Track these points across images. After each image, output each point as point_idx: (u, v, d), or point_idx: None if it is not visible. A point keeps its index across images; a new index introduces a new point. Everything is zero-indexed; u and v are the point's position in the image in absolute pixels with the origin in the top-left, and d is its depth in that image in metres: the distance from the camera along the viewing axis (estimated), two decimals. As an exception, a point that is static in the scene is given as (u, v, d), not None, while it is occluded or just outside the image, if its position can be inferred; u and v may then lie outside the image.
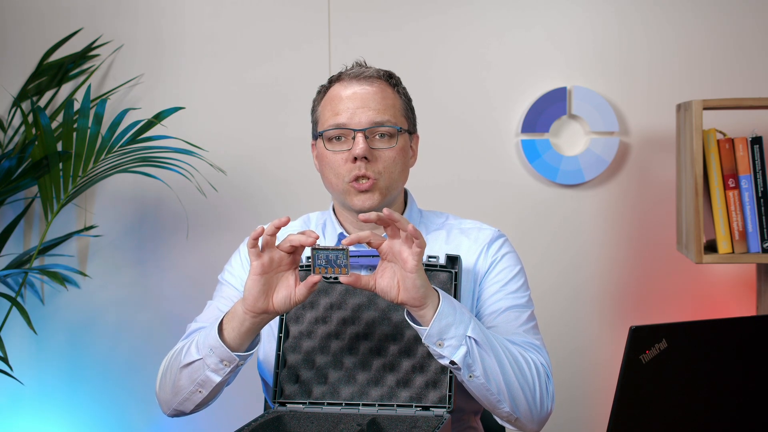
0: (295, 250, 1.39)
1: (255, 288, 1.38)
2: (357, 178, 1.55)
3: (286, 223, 1.36)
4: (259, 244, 1.37)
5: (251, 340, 1.44)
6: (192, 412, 1.53)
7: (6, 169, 2.35)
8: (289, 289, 1.39)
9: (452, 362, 1.39)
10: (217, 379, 1.45)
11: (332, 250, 1.35)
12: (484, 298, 1.60)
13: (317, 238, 1.35)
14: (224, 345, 1.41)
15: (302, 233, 1.37)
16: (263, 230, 1.36)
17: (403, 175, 1.61)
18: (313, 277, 1.37)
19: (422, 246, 1.34)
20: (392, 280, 1.36)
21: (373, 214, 1.33)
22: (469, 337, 1.38)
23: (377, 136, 1.57)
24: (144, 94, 2.61)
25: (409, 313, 1.40)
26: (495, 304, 1.59)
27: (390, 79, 1.62)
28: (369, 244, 1.36)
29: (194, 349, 1.46)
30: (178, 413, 1.54)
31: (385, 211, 1.33)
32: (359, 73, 1.60)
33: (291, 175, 2.59)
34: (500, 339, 1.47)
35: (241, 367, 1.46)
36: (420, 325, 1.39)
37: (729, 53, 2.48)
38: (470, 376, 1.40)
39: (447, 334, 1.37)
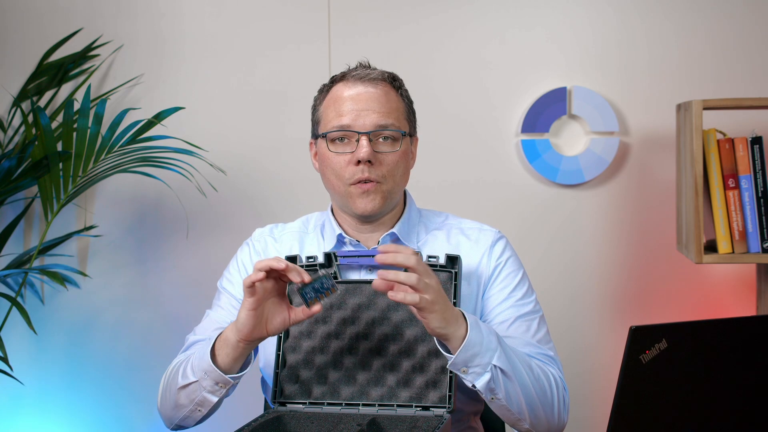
0: (276, 274, 1.38)
1: (250, 322, 1.40)
2: (359, 181, 1.55)
3: (284, 269, 1.36)
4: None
5: (244, 360, 1.47)
6: (195, 425, 1.55)
7: (6, 169, 2.35)
8: (283, 316, 1.42)
9: (474, 386, 1.40)
10: (214, 399, 1.47)
11: (314, 280, 1.37)
12: (491, 307, 1.60)
13: (287, 266, 1.35)
14: (218, 369, 1.43)
15: (271, 260, 1.37)
16: (264, 277, 1.36)
17: (404, 178, 1.61)
18: (314, 308, 1.39)
19: (415, 301, 1.33)
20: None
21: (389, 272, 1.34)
22: (495, 366, 1.39)
23: (381, 139, 1.56)
24: (144, 94, 2.61)
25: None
26: (503, 313, 1.58)
27: (394, 81, 1.61)
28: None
29: (190, 371, 1.47)
30: (181, 428, 1.56)
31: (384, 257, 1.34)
32: (364, 74, 1.59)
33: (291, 175, 2.59)
34: (523, 357, 1.47)
35: (237, 383, 1.48)
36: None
37: (729, 53, 2.48)
38: (492, 399, 1.41)
39: (472, 363, 1.38)
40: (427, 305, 1.33)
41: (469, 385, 1.40)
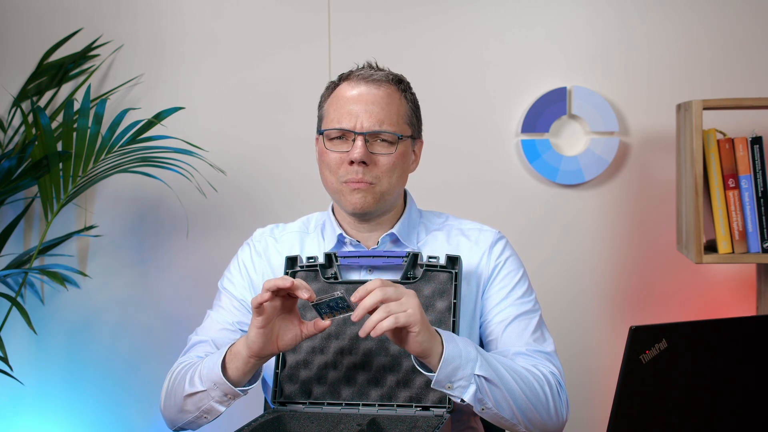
0: (284, 293, 1.38)
1: (259, 340, 1.39)
2: (352, 181, 1.56)
3: (290, 287, 1.35)
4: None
5: (254, 373, 1.47)
6: (198, 426, 1.55)
7: (6, 169, 2.35)
8: (294, 332, 1.42)
9: (463, 400, 1.39)
10: (222, 409, 1.47)
11: (330, 299, 1.37)
12: (490, 306, 1.60)
13: (292, 284, 1.35)
14: (228, 382, 1.43)
15: (278, 279, 1.36)
16: (271, 296, 1.36)
17: (401, 180, 1.60)
18: (325, 322, 1.39)
19: (391, 324, 1.32)
20: (398, 334, 1.38)
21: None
22: (478, 375, 1.39)
23: (378, 141, 1.56)
24: (144, 94, 2.61)
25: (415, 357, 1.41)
26: (502, 312, 1.59)
27: (399, 83, 1.61)
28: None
29: (198, 381, 1.47)
30: (184, 429, 1.56)
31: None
32: (368, 75, 1.59)
33: (291, 175, 2.59)
34: (507, 363, 1.47)
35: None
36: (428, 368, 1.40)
37: (729, 53, 2.48)
38: (482, 409, 1.41)
39: (455, 377, 1.38)
40: (410, 319, 1.33)
41: (458, 401, 1.40)
